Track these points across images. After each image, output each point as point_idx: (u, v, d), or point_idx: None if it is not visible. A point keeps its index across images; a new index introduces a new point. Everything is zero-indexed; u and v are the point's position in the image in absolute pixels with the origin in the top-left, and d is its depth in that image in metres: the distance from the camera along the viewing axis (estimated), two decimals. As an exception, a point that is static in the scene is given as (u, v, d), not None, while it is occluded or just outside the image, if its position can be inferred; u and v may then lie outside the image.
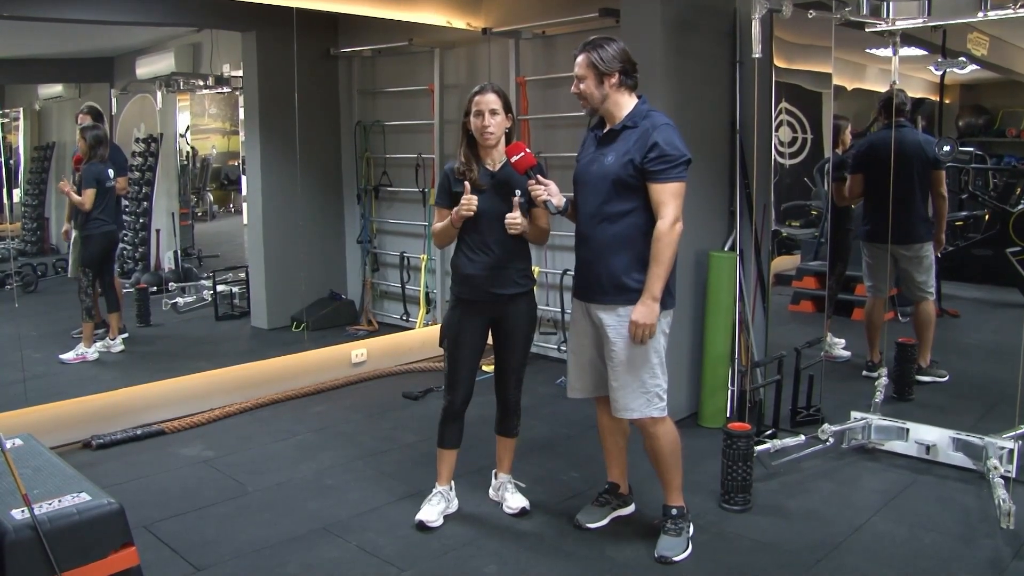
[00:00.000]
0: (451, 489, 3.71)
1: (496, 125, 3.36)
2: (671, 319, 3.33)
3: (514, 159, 3.30)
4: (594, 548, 3.40)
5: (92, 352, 5.93)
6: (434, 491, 3.67)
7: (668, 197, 3.13)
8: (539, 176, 3.27)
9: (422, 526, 3.54)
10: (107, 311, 6.10)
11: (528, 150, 3.32)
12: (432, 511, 3.59)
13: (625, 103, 3.25)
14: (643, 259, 3.17)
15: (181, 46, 7.78)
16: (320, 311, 6.95)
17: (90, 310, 5.93)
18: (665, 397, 3.29)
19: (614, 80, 3.19)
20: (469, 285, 3.47)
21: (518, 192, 3.34)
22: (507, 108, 3.40)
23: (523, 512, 3.70)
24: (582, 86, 3.23)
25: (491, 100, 3.35)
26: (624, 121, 3.23)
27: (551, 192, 3.27)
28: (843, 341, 5.56)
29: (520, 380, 3.67)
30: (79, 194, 5.85)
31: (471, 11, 6.24)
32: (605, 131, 3.29)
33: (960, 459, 4.05)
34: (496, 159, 3.45)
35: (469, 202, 3.31)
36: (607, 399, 3.38)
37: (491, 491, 3.85)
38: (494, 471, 3.85)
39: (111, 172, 6.03)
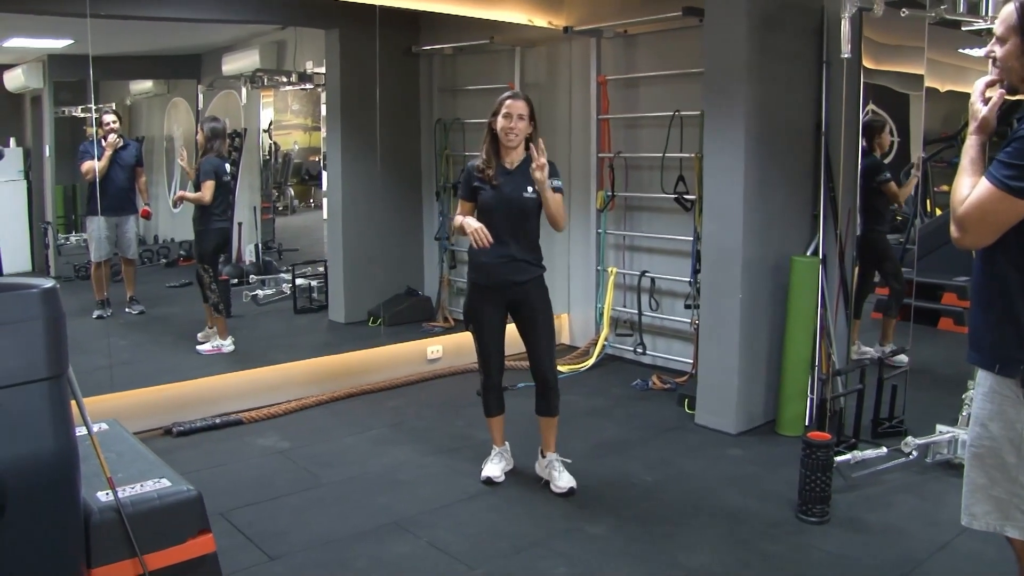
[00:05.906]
0: (507, 449, 4.08)
1: (520, 129, 3.68)
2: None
3: None
4: (664, 553, 3.35)
5: (228, 344, 6.01)
6: (493, 452, 4.06)
7: None
8: None
9: (489, 482, 3.95)
10: (203, 301, 6.17)
11: None
12: (495, 468, 4.00)
13: None
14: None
15: (266, 43, 7.96)
16: (397, 307, 7.01)
17: (217, 305, 6.01)
18: None
19: None
20: (484, 272, 3.80)
21: (529, 188, 3.69)
22: (532, 116, 3.72)
23: (571, 492, 3.82)
24: (997, 50, 2.13)
25: (520, 106, 3.69)
26: None
27: None
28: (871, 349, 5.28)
29: (552, 359, 3.90)
30: (197, 188, 5.90)
31: (552, 9, 6.21)
32: None
33: (1053, 477, 3.87)
34: (514, 159, 3.75)
35: (482, 238, 3.60)
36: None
37: (537, 467, 3.99)
38: (539, 449, 3.97)
39: (228, 167, 6.11)
